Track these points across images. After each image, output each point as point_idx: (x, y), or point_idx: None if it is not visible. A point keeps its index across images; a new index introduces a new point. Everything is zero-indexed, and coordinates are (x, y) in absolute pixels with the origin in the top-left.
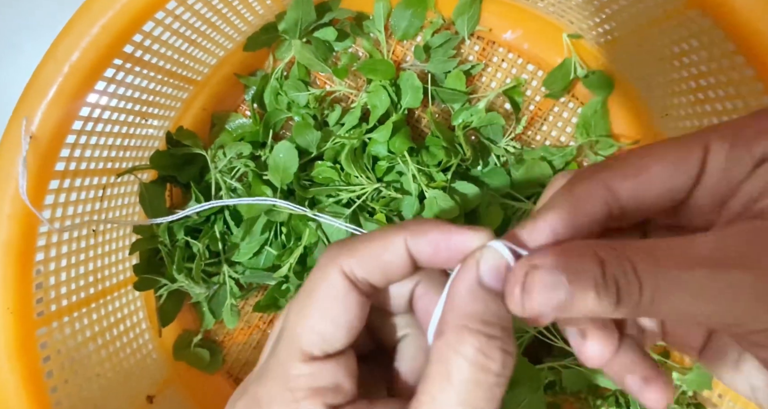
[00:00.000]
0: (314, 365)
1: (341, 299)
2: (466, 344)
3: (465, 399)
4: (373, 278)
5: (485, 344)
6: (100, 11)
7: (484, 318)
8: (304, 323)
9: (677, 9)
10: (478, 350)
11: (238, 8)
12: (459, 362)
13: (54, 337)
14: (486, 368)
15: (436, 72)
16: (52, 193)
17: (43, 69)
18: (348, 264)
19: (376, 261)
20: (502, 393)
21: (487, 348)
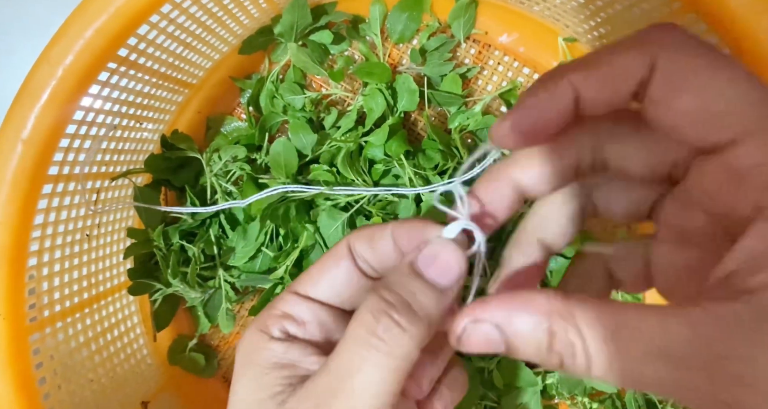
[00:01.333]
0: (295, 297)
1: (338, 261)
2: (364, 303)
3: (351, 354)
4: (367, 255)
5: (376, 303)
6: (94, 14)
7: (391, 285)
8: (307, 272)
9: (672, 13)
10: (368, 308)
11: (233, 11)
12: (355, 318)
13: (47, 343)
14: (370, 327)
15: (432, 75)
16: (45, 197)
17: (37, 72)
18: (353, 240)
19: (369, 241)
20: (386, 363)
21: (376, 309)
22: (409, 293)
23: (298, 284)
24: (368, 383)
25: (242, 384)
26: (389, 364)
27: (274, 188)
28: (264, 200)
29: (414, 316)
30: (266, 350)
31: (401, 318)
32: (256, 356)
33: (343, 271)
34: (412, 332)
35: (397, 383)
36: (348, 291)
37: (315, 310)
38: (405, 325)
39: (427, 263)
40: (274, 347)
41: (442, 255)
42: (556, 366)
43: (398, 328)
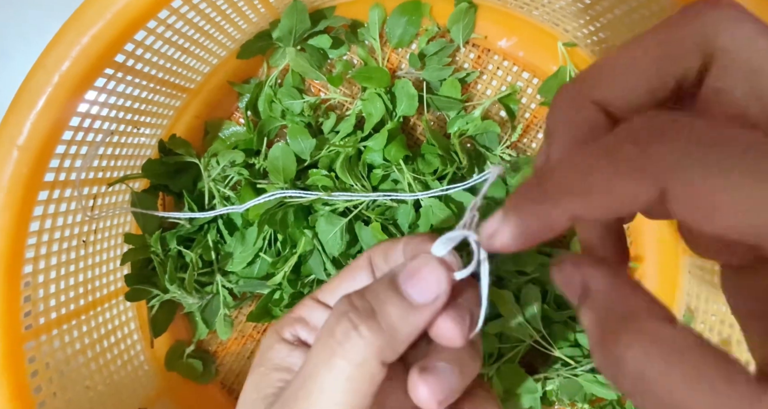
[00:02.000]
0: (312, 303)
1: (358, 271)
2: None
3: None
4: (383, 267)
5: (339, 306)
6: (91, 20)
7: (364, 293)
8: (329, 281)
9: None
10: (334, 312)
11: (231, 16)
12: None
13: (42, 350)
14: (330, 329)
15: (432, 80)
16: (41, 204)
17: (33, 78)
18: (373, 252)
19: (385, 255)
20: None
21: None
22: (378, 301)
23: (319, 291)
24: (325, 387)
25: (249, 381)
26: (344, 370)
27: (272, 193)
28: (262, 205)
29: (375, 324)
30: (273, 350)
31: (361, 323)
32: (265, 355)
33: (360, 282)
34: (369, 339)
35: (354, 393)
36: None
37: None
38: (363, 330)
39: (407, 277)
40: (279, 348)
41: (423, 271)
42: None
43: (355, 331)
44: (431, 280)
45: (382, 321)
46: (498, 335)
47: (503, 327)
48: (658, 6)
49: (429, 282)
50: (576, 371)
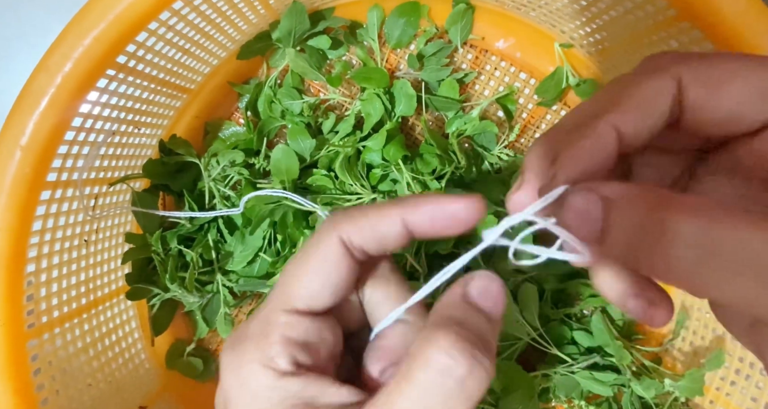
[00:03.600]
0: (292, 316)
1: (334, 260)
2: (433, 343)
3: (419, 401)
4: (368, 246)
5: (453, 343)
6: (94, 22)
7: (460, 321)
8: (296, 277)
9: (667, 20)
10: (443, 350)
11: (231, 17)
12: (423, 362)
13: (45, 349)
14: (448, 373)
15: (430, 80)
16: (44, 203)
17: (35, 79)
18: (346, 231)
19: (372, 231)
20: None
21: (456, 349)
22: (482, 331)
23: (292, 295)
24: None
25: None
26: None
27: (273, 190)
28: (261, 203)
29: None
30: (278, 390)
31: (485, 360)
32: (263, 401)
33: (344, 271)
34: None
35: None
36: (347, 286)
37: (319, 327)
38: (488, 367)
39: (480, 297)
40: (288, 386)
41: (492, 288)
42: (652, 255)
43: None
44: (502, 296)
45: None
46: None
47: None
48: (654, 7)
49: (501, 298)
50: (573, 368)
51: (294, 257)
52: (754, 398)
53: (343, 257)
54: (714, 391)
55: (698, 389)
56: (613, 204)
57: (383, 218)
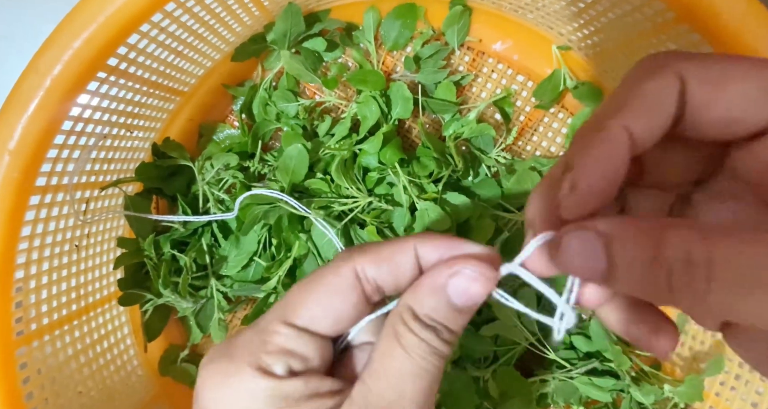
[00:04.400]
0: (291, 330)
1: (344, 292)
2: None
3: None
4: (382, 279)
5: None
6: (84, 24)
7: (431, 307)
8: (301, 299)
9: (666, 23)
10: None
11: (225, 19)
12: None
13: (34, 356)
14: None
15: (427, 83)
16: (33, 208)
17: (24, 82)
18: (361, 263)
19: (387, 262)
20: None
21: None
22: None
23: (293, 312)
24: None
25: None
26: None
27: (269, 191)
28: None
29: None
30: (274, 390)
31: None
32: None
33: (348, 302)
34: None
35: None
36: (351, 320)
37: (317, 344)
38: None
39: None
40: (283, 387)
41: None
42: (662, 283)
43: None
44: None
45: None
46: (494, 337)
47: (499, 330)
48: (652, 10)
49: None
50: (571, 373)
51: (303, 280)
52: (754, 404)
53: (353, 290)
54: (714, 397)
55: (698, 394)
56: (613, 239)
57: (397, 251)
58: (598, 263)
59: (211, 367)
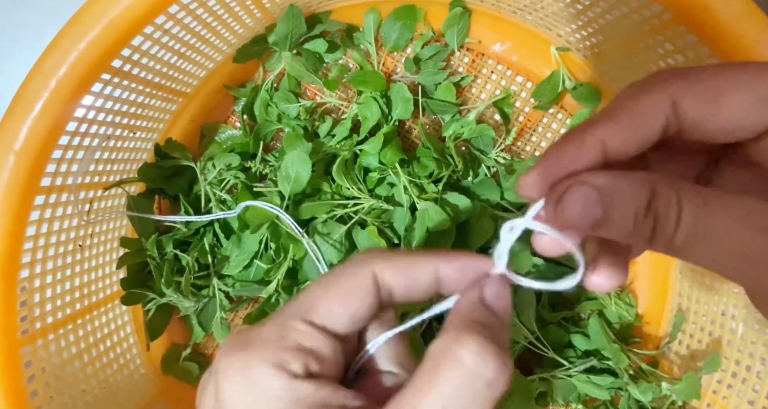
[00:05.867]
0: (311, 328)
1: (362, 293)
2: (462, 344)
3: (450, 402)
4: (397, 287)
5: (483, 346)
6: (88, 26)
7: (483, 324)
8: (321, 296)
9: (663, 25)
10: (474, 352)
11: (227, 21)
12: (452, 362)
13: (39, 355)
14: (478, 374)
15: (427, 84)
16: (38, 208)
17: (30, 83)
18: (381, 267)
19: (407, 273)
20: (490, 407)
21: (485, 352)
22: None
23: (312, 310)
24: None
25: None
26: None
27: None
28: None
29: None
30: (291, 391)
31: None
32: (274, 401)
33: (365, 305)
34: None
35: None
36: (364, 322)
37: (333, 344)
38: (512, 370)
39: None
40: (301, 388)
41: (505, 292)
42: (646, 234)
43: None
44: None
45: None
46: None
47: None
48: (650, 11)
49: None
50: (570, 371)
51: (323, 277)
52: (750, 401)
53: (371, 293)
54: (711, 394)
55: (695, 392)
56: (610, 191)
57: (418, 263)
58: (595, 212)
59: (230, 358)
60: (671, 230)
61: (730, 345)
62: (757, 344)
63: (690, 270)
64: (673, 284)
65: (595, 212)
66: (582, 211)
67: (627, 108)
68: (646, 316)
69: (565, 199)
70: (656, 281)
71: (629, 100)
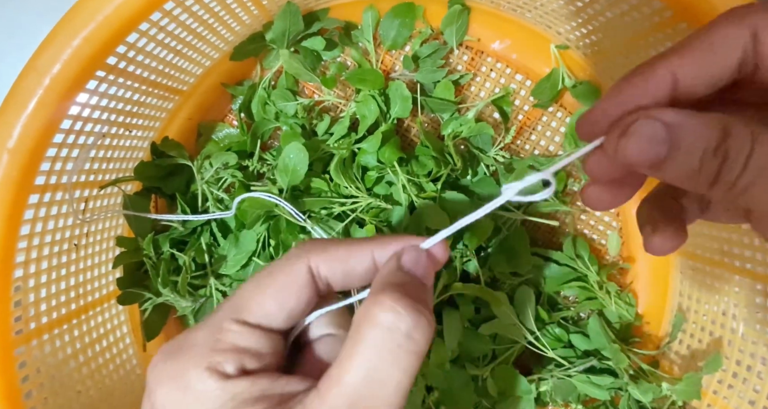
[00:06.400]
0: (244, 327)
1: (297, 287)
2: (378, 303)
3: (371, 363)
4: (334, 278)
5: (397, 300)
6: (83, 23)
7: (400, 285)
8: (255, 295)
9: (664, 22)
10: (388, 307)
11: (224, 18)
12: (369, 323)
13: (33, 355)
14: (395, 327)
15: (425, 82)
16: (32, 207)
17: (23, 81)
18: (316, 261)
19: (342, 263)
20: (415, 364)
21: (399, 306)
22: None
23: (245, 309)
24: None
25: None
26: (413, 368)
27: (267, 195)
28: (254, 208)
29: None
30: (226, 390)
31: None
32: (211, 401)
33: (304, 299)
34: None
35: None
36: (303, 315)
37: (270, 339)
38: (431, 319)
39: (415, 266)
40: (236, 386)
41: (422, 258)
42: (709, 176)
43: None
44: (431, 265)
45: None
46: (492, 336)
47: (497, 328)
48: (651, 9)
49: (431, 267)
50: (570, 371)
51: (257, 274)
52: (751, 402)
53: (307, 286)
54: (711, 394)
55: (696, 392)
56: (679, 127)
57: (354, 251)
58: (660, 149)
59: (162, 368)
60: (737, 172)
61: (731, 345)
62: (758, 344)
63: (690, 269)
64: (674, 284)
65: (659, 150)
66: (647, 146)
67: (701, 38)
68: (646, 316)
69: (631, 133)
70: (656, 280)
71: (704, 30)
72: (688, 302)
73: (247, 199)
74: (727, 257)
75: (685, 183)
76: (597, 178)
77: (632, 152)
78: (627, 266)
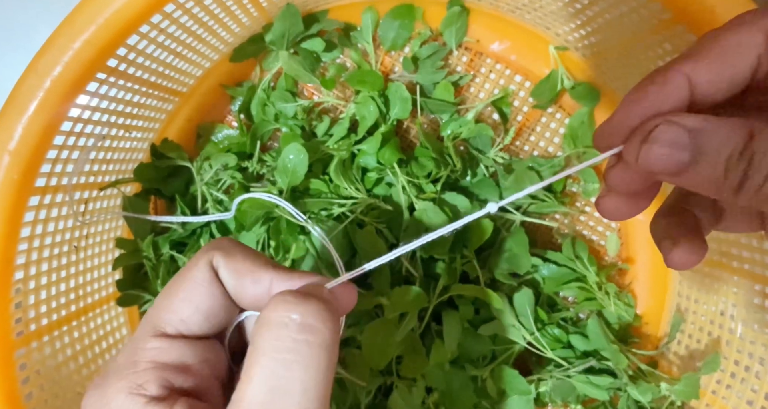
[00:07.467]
0: (163, 341)
1: (205, 286)
2: (267, 306)
3: (270, 370)
4: (227, 286)
5: (285, 296)
6: (84, 25)
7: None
8: (165, 303)
9: (662, 24)
10: (276, 304)
11: (224, 20)
12: (262, 327)
13: (33, 357)
14: (287, 318)
15: (425, 83)
16: (32, 209)
17: (24, 83)
18: (217, 260)
19: (238, 277)
20: (321, 357)
21: (288, 299)
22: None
23: (160, 321)
24: (309, 391)
25: None
26: (321, 364)
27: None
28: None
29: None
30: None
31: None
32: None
33: (213, 296)
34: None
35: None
36: (223, 315)
37: (196, 347)
38: (325, 297)
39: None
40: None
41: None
42: (734, 182)
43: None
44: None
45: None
46: (492, 337)
47: (497, 329)
48: (649, 11)
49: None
50: (569, 372)
51: (166, 285)
52: (749, 402)
53: (213, 283)
54: (710, 394)
55: (694, 392)
56: (702, 132)
57: (256, 270)
58: (683, 155)
59: (88, 399)
60: (765, 175)
61: (729, 345)
62: (756, 344)
63: (689, 270)
64: (672, 284)
65: (682, 156)
66: (669, 153)
67: (715, 43)
68: (645, 316)
69: (652, 140)
70: (655, 281)
71: (717, 35)
72: (687, 303)
73: (247, 201)
74: (725, 257)
75: (709, 190)
76: (617, 188)
77: (654, 160)
78: (626, 266)
